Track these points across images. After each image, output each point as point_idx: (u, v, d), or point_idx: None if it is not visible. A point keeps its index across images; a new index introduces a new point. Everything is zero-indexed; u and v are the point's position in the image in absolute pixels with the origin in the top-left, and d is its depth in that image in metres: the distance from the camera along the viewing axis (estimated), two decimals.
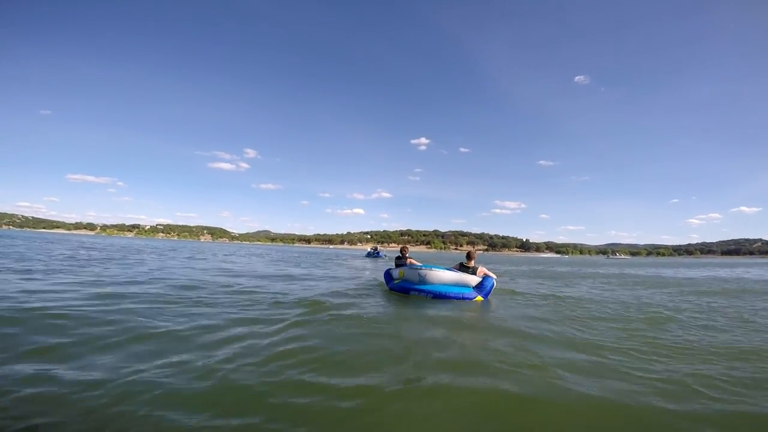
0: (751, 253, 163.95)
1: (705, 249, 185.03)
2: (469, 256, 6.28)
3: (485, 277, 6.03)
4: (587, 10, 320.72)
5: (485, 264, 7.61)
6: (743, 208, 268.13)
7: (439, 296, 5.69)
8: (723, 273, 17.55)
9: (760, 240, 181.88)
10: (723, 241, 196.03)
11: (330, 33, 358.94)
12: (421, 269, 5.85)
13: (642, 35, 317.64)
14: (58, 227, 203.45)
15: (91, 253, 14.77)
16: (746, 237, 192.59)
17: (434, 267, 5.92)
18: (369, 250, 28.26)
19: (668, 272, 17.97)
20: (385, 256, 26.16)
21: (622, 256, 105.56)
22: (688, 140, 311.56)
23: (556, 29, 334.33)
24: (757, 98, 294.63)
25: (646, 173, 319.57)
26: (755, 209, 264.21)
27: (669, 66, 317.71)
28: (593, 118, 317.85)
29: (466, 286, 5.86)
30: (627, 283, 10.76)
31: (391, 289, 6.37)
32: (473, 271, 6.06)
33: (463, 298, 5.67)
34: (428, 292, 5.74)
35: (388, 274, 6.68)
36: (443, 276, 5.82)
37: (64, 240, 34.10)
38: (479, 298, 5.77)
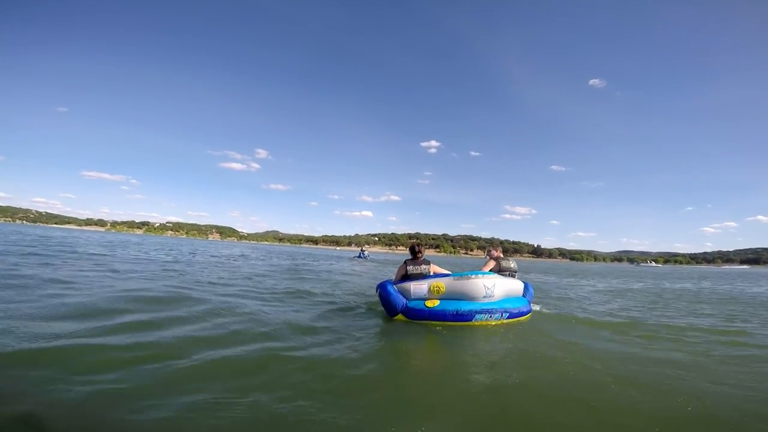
0: None
1: (724, 257, 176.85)
2: (506, 251, 5.23)
3: (525, 281, 4.73)
4: (602, 12, 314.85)
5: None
6: (760, 217, 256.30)
7: (515, 315, 3.99)
8: None
9: None
10: (740, 250, 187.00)
11: (342, 34, 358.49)
12: (485, 277, 3.84)
13: (659, 37, 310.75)
14: (69, 223, 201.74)
15: None
16: (763, 246, 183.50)
17: (483, 273, 3.99)
18: (359, 252, 29.14)
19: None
20: (368, 256, 26.90)
21: (654, 264, 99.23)
22: (705, 147, 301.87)
23: (571, 31, 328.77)
24: None
25: (661, 180, 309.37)
26: None
27: (686, 70, 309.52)
28: (608, 123, 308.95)
29: (522, 295, 4.41)
30: None
31: (416, 316, 3.80)
32: (513, 275, 4.70)
33: (529, 313, 4.27)
34: (503, 311, 3.88)
35: (394, 293, 3.91)
36: (510, 284, 4.18)
37: (44, 234, 30.62)
38: None
